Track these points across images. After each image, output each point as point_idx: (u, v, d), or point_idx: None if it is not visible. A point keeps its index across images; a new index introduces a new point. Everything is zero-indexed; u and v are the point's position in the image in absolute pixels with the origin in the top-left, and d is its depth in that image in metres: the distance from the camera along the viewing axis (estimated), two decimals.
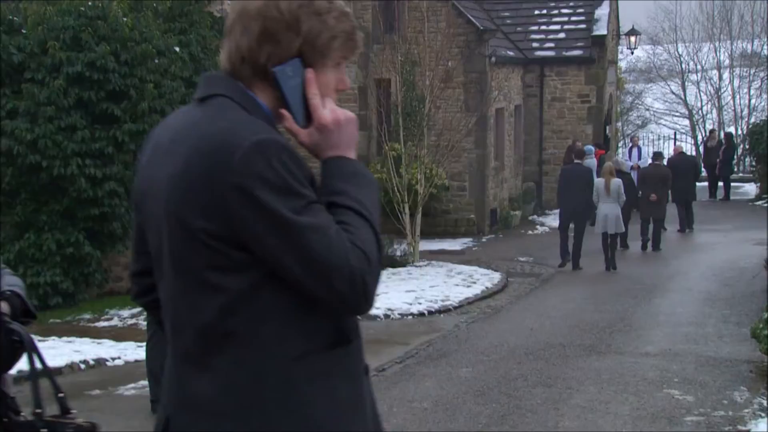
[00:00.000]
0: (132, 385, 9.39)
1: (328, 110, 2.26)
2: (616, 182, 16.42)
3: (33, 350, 2.48)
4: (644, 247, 18.81)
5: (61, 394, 2.52)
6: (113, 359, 10.82)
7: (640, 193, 18.78)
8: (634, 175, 20.42)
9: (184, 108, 2.36)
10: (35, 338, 9.80)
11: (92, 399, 9.17)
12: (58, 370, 10.23)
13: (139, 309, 12.42)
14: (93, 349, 11.12)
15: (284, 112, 2.23)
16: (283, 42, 2.20)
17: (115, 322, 13.07)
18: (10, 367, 2.48)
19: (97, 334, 12.20)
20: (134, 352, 10.62)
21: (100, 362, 10.66)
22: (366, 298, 2.15)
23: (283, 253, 2.08)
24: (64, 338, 11.65)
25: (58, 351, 10.90)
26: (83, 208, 13.47)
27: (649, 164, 20.51)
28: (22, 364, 2.66)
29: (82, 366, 10.48)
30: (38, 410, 2.47)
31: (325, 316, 2.21)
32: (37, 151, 13.01)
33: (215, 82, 2.25)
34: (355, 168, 2.25)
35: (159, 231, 2.20)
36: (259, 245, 2.08)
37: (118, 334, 12.14)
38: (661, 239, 18.90)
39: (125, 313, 13.45)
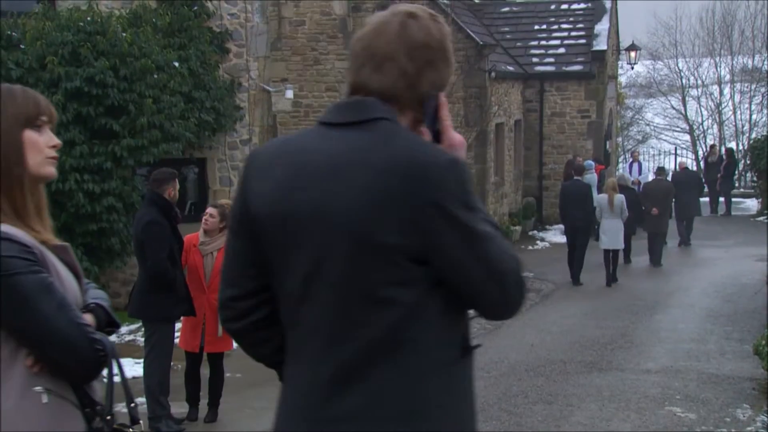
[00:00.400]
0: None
1: (458, 135, 2.46)
2: (620, 198, 16.41)
3: (113, 360, 2.62)
4: (655, 262, 18.63)
5: (132, 404, 2.69)
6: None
7: (644, 207, 18.80)
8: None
9: (319, 130, 2.46)
10: None
11: None
12: None
13: (137, 325, 12.35)
14: None
15: (424, 130, 2.42)
16: (441, 69, 2.45)
17: (112, 338, 12.98)
18: (96, 376, 2.58)
19: None
20: (132, 368, 10.52)
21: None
22: (524, 299, 2.40)
23: (470, 260, 2.27)
24: None
25: None
26: (81, 223, 13.40)
27: (652, 179, 20.55)
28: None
29: None
30: (108, 417, 2.60)
31: (460, 325, 2.43)
32: None
33: (371, 106, 2.39)
34: None
35: (319, 252, 2.32)
36: (447, 256, 2.27)
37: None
38: (663, 254, 18.84)
39: (123, 329, 13.37)
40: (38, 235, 2.60)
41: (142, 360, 8.54)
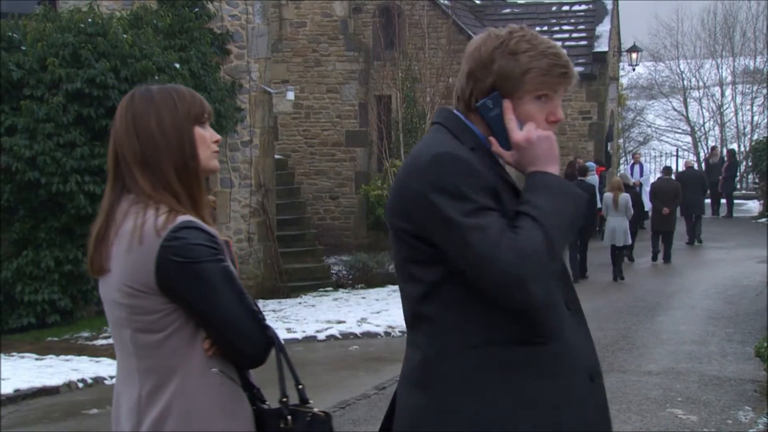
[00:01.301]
0: None
1: (523, 131, 2.60)
2: (625, 197, 16.71)
3: (280, 347, 2.77)
4: (655, 258, 19.12)
5: (300, 386, 2.81)
6: (111, 378, 10.71)
7: (651, 206, 19.06)
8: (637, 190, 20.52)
9: None
10: (32, 356, 9.73)
11: (90, 418, 9.08)
12: (56, 389, 10.16)
13: None
14: (91, 368, 11.03)
15: (492, 138, 2.64)
16: (480, 79, 2.64)
17: (113, 339, 12.96)
18: (264, 361, 2.73)
19: (95, 352, 12.11)
20: None
21: (98, 380, 10.57)
22: (522, 293, 2.43)
23: (449, 248, 2.48)
24: (62, 356, 11.57)
25: (55, 369, 10.82)
26: (82, 224, 13.39)
27: (659, 178, 20.84)
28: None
29: (80, 385, 10.40)
30: (284, 399, 2.75)
31: (510, 313, 2.52)
32: (35, 168, 12.95)
33: (439, 112, 2.78)
34: (547, 180, 2.57)
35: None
36: (436, 240, 2.51)
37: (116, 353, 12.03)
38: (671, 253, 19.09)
39: None
40: (210, 227, 2.75)
41: None
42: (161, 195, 2.69)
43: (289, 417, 2.73)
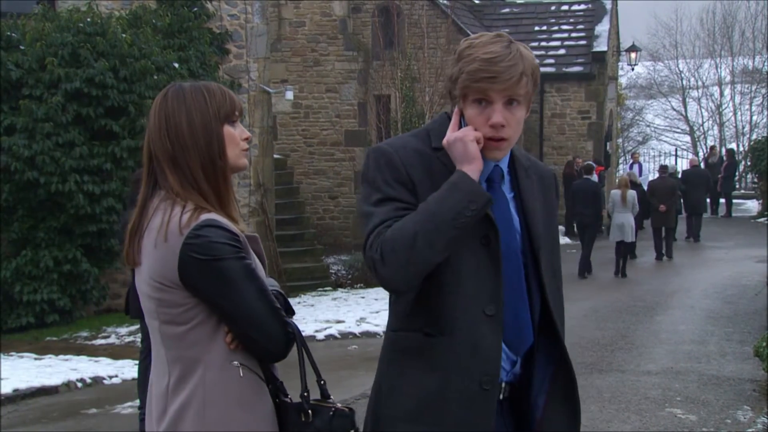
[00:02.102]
0: (129, 403, 9.30)
1: (447, 134, 2.80)
2: (632, 193, 17.19)
3: (302, 343, 2.89)
4: (659, 257, 19.63)
5: (322, 381, 2.92)
6: (110, 377, 10.72)
7: (651, 203, 19.50)
8: None
9: None
10: (31, 356, 9.72)
11: (89, 418, 9.08)
12: (55, 389, 10.16)
13: (136, 326, 12.34)
14: (90, 367, 11.03)
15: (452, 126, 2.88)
16: (447, 87, 2.91)
17: (112, 339, 12.97)
18: (285, 356, 2.85)
19: (94, 351, 12.11)
20: (131, 370, 10.52)
21: (97, 380, 10.57)
22: (378, 275, 2.71)
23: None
24: (61, 356, 11.57)
25: (54, 369, 10.82)
26: (81, 224, 13.39)
27: (657, 177, 21.00)
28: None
29: (79, 384, 10.39)
30: (305, 393, 2.83)
31: (420, 303, 2.81)
32: (34, 168, 12.95)
33: (441, 113, 3.03)
34: (452, 178, 2.73)
35: None
36: None
37: (115, 352, 12.05)
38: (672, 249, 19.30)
39: (123, 330, 13.37)
40: (236, 225, 2.84)
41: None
42: (189, 193, 2.79)
43: (309, 411, 2.81)
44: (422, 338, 2.80)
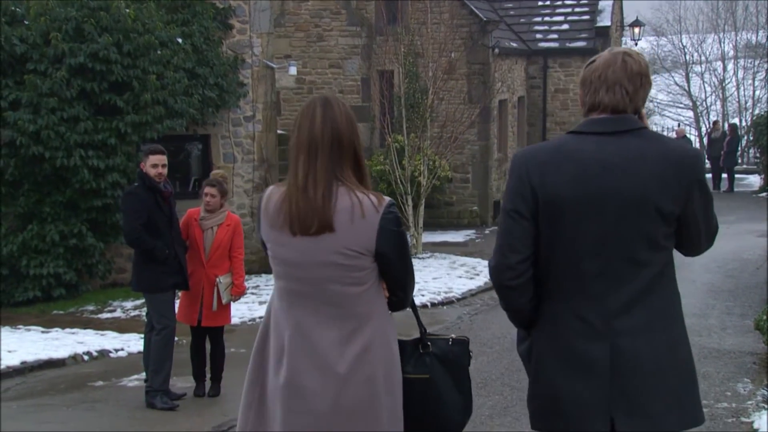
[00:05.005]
0: (135, 376, 9.40)
1: None
2: None
3: (412, 300, 3.69)
4: None
5: (425, 330, 3.76)
6: (117, 350, 10.83)
7: None
8: None
9: (588, 138, 3.44)
10: (38, 329, 9.75)
11: (96, 390, 9.18)
12: (62, 362, 10.26)
13: (142, 300, 12.43)
14: (96, 341, 11.14)
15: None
16: (647, 88, 3.48)
17: (118, 313, 13.08)
18: (406, 308, 3.68)
19: (100, 325, 12.22)
20: (137, 343, 10.62)
21: (103, 353, 10.68)
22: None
23: (704, 217, 3.58)
24: (68, 329, 11.67)
25: (61, 342, 10.93)
26: (86, 199, 13.46)
27: None
28: None
29: (86, 357, 10.50)
30: (423, 330, 3.75)
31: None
32: (39, 143, 13.01)
33: (633, 120, 3.43)
34: None
35: (617, 217, 3.34)
36: (693, 214, 3.51)
37: (121, 326, 12.15)
38: None
39: (128, 304, 13.47)
40: None
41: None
42: (355, 178, 3.44)
43: (428, 343, 3.68)
44: None
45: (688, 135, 27.74)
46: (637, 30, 28.12)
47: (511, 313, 3.62)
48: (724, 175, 29.05)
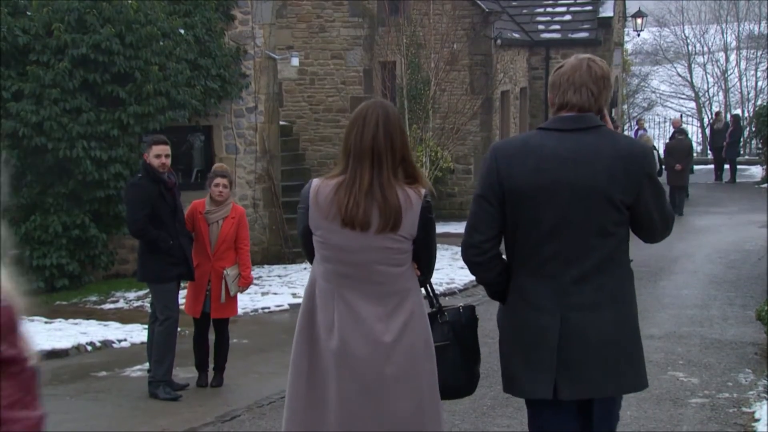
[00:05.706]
0: (138, 366, 9.43)
1: None
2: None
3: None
4: (677, 211, 20.12)
5: (438, 304, 4.38)
6: (119, 341, 10.86)
7: (665, 164, 20.86)
8: None
9: (551, 134, 3.95)
10: (42, 320, 9.77)
11: (99, 380, 9.21)
12: (65, 352, 10.29)
13: (145, 291, 12.46)
14: (99, 331, 11.17)
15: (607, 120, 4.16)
16: (608, 90, 4.08)
17: (121, 304, 13.11)
18: (426, 283, 4.28)
19: (103, 316, 12.25)
20: (140, 334, 10.65)
21: (106, 344, 10.70)
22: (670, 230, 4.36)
23: (654, 206, 3.93)
24: (71, 320, 11.69)
25: (64, 333, 10.95)
26: (89, 190, 13.48)
27: (674, 139, 22.37)
28: None
29: (89, 348, 10.53)
30: (437, 303, 4.38)
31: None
32: (42, 133, 13.02)
33: (592, 118, 3.99)
34: None
35: (568, 207, 3.81)
36: (644, 204, 3.88)
37: (124, 316, 12.18)
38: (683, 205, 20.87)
39: (131, 295, 13.50)
40: None
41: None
42: (405, 176, 3.96)
43: (446, 312, 4.32)
44: None
45: (684, 125, 27.67)
46: (639, 21, 28.09)
47: (485, 287, 4.22)
48: (726, 166, 29.01)
